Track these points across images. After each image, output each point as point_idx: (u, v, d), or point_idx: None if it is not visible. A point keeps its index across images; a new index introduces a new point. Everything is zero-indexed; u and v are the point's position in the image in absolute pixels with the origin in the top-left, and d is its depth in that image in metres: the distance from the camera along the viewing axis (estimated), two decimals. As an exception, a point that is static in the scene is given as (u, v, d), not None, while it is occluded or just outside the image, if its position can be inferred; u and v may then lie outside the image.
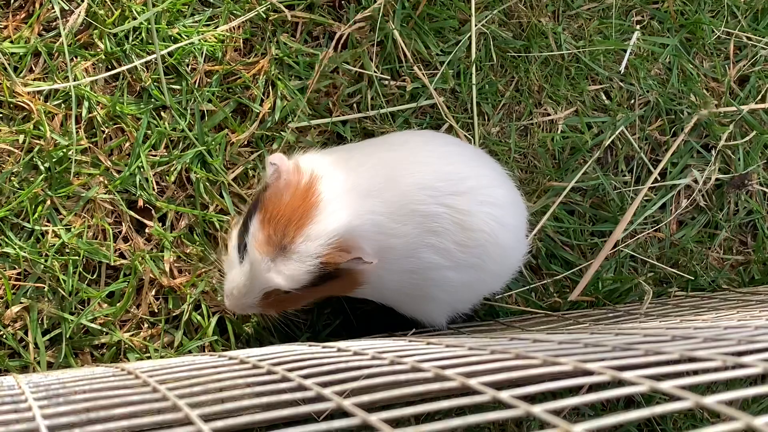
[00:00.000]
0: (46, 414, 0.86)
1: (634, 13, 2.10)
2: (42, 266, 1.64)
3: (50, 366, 1.64)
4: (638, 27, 2.09)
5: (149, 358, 1.68)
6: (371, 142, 1.74)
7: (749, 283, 2.11)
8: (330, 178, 1.49)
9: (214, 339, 1.72)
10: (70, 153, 1.67)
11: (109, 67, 1.74)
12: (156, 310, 1.71)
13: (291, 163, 1.50)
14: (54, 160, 1.66)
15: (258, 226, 1.47)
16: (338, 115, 1.84)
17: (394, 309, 1.71)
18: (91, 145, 1.70)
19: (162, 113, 1.75)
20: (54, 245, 1.65)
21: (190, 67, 1.78)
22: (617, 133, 2.01)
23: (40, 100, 1.68)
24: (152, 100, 1.74)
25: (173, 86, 1.76)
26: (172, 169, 1.74)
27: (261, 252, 1.46)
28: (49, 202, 1.66)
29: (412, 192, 1.52)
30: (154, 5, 1.75)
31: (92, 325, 1.66)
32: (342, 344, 1.29)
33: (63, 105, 1.70)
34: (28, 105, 1.67)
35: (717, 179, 2.08)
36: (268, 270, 1.46)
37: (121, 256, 1.71)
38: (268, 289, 1.50)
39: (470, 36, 1.93)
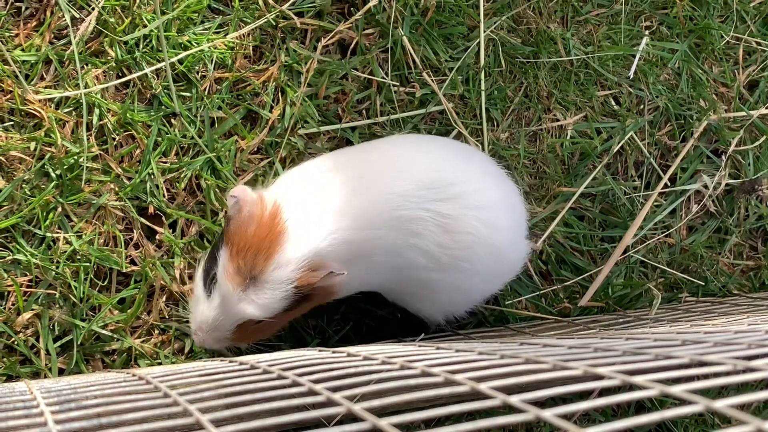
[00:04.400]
0: (58, 419, 0.87)
1: (642, 19, 2.10)
2: (53, 273, 1.65)
3: (61, 372, 1.64)
4: (647, 32, 2.09)
5: (160, 364, 1.68)
6: (349, 153, 1.72)
7: (760, 288, 2.10)
8: (294, 204, 1.49)
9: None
10: (81, 160, 1.68)
11: (120, 74, 1.75)
12: (167, 316, 1.71)
13: (255, 195, 1.50)
14: (65, 167, 1.67)
15: (227, 258, 1.46)
16: (347, 122, 1.85)
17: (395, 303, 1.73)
18: (101, 153, 1.71)
19: (172, 120, 1.76)
20: (65, 252, 1.66)
21: (200, 74, 1.79)
22: (626, 138, 2.01)
23: (51, 107, 1.69)
24: (162, 107, 1.75)
25: (183, 93, 1.77)
26: (182, 176, 1.74)
27: (232, 283, 1.45)
28: (60, 209, 1.67)
29: (390, 200, 1.52)
30: (164, 13, 1.76)
31: (103, 331, 1.66)
32: (352, 349, 1.30)
33: (74, 112, 1.71)
34: (40, 112, 1.68)
35: (727, 184, 2.08)
36: (240, 301, 1.46)
37: (132, 262, 1.72)
38: (240, 321, 1.49)
39: (479, 42, 1.94)
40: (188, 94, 1.77)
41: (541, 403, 0.76)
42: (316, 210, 1.50)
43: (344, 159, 1.65)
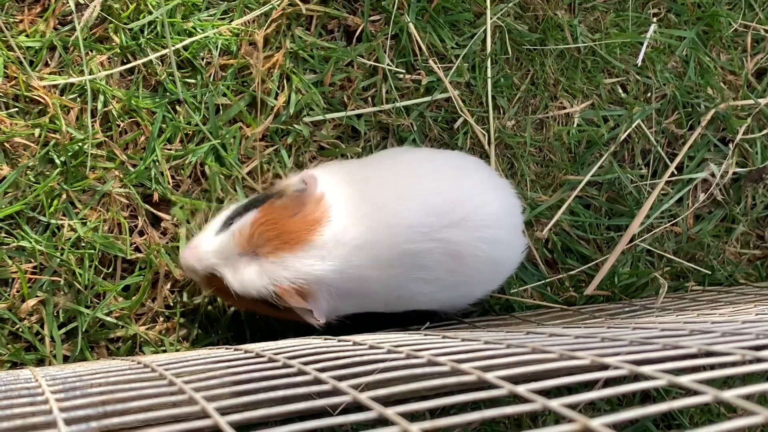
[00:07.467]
0: (63, 407, 0.87)
1: (650, 6, 2.08)
2: (58, 260, 1.64)
3: (66, 359, 1.64)
4: (655, 19, 2.07)
5: (165, 351, 1.68)
6: (380, 174, 1.65)
7: (767, 278, 2.10)
8: (337, 223, 1.46)
9: (231, 334, 1.72)
10: (85, 147, 1.67)
11: (125, 60, 1.75)
12: (171, 304, 1.71)
13: (320, 191, 1.48)
14: (70, 153, 1.66)
15: (251, 221, 1.46)
16: (353, 109, 1.84)
17: None
18: (106, 139, 1.71)
19: (177, 107, 1.76)
20: (70, 239, 1.65)
21: (205, 60, 1.78)
22: (633, 126, 2.00)
23: (55, 94, 1.69)
24: (167, 93, 1.75)
25: (188, 80, 1.77)
26: (186, 163, 1.74)
27: (237, 244, 1.45)
28: (64, 196, 1.67)
29: (403, 233, 1.50)
30: (169, -1, 1.75)
31: (108, 318, 1.66)
32: (358, 338, 1.29)
33: (78, 99, 1.71)
34: (44, 99, 1.67)
35: (734, 173, 2.07)
36: (227, 260, 1.47)
37: (137, 249, 1.71)
38: (215, 272, 1.49)
39: (485, 29, 1.92)
40: (193, 81, 1.77)
41: (547, 393, 0.75)
42: (351, 238, 1.47)
43: (374, 183, 1.59)
